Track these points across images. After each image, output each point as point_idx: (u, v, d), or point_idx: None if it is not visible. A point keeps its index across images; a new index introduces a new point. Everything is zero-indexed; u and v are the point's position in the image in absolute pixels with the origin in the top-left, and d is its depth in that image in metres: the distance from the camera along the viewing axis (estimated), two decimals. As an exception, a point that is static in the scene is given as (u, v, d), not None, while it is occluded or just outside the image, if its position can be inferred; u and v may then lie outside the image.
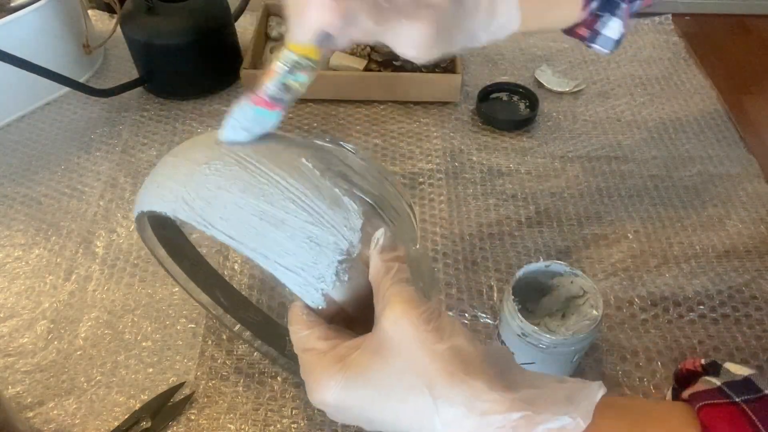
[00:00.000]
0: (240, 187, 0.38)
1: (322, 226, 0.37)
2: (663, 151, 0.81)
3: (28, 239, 0.70)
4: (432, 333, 0.33)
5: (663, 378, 0.59)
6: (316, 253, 0.37)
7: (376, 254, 0.37)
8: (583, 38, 0.54)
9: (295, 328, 0.37)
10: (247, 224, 0.37)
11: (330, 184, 0.39)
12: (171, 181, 0.40)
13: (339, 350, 0.35)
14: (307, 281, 0.37)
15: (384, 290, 0.35)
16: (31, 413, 0.56)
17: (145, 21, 0.81)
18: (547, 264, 0.56)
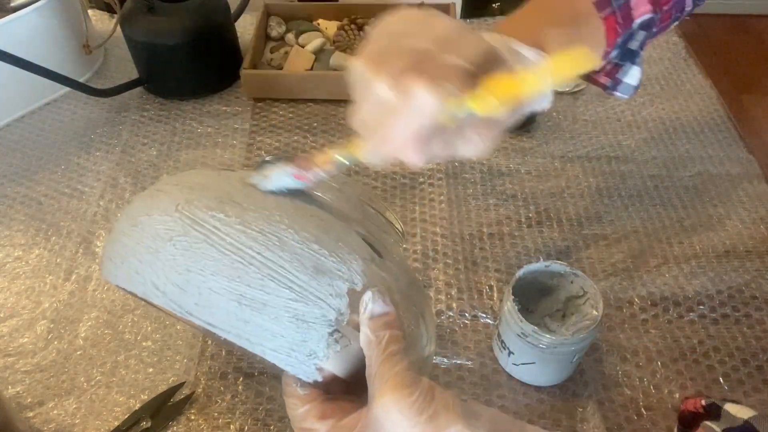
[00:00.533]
0: (212, 268, 0.35)
1: (306, 301, 0.35)
2: (663, 151, 0.81)
3: (28, 239, 0.70)
4: (426, 423, 0.32)
5: (663, 378, 0.59)
6: (304, 330, 0.35)
7: (366, 322, 0.36)
8: (605, 87, 0.54)
9: (291, 402, 0.36)
10: (225, 310, 0.34)
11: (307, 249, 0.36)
12: (135, 260, 0.37)
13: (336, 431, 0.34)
14: (298, 360, 0.35)
15: (375, 366, 0.34)
16: (31, 413, 0.56)
17: (145, 21, 0.81)
18: (547, 264, 0.56)
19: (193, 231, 0.36)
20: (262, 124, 0.84)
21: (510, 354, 0.56)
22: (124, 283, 0.38)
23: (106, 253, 0.40)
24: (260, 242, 0.36)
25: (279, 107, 0.87)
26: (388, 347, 0.34)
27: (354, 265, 0.37)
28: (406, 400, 0.32)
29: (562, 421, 0.56)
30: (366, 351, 0.35)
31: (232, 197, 0.38)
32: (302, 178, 0.39)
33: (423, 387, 0.33)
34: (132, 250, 0.37)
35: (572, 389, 0.58)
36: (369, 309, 0.36)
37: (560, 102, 0.88)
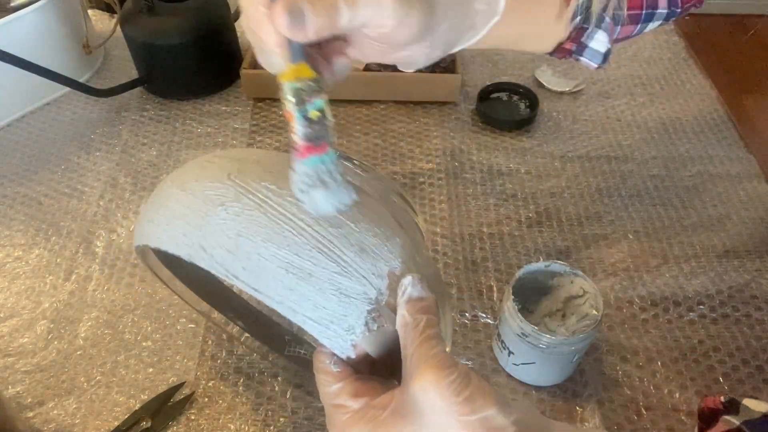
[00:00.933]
0: (263, 235, 0.36)
1: (350, 276, 0.36)
2: (663, 151, 0.81)
3: (28, 239, 0.70)
4: (462, 404, 0.32)
5: (663, 378, 0.59)
6: (345, 305, 0.36)
7: (404, 305, 0.36)
8: (570, 52, 0.53)
9: (324, 379, 0.37)
10: (272, 277, 0.35)
11: (354, 228, 0.37)
12: (183, 222, 0.37)
13: (368, 410, 0.35)
14: (336, 333, 0.36)
15: (412, 348, 0.35)
16: (31, 413, 0.56)
17: (145, 21, 0.81)
18: (547, 264, 0.56)
19: (245, 198, 0.37)
20: (262, 124, 0.84)
21: (510, 354, 0.56)
22: (167, 245, 0.38)
23: (147, 216, 0.40)
24: (311, 216, 0.36)
25: (279, 107, 0.86)
26: (425, 330, 0.35)
27: (395, 250, 0.38)
28: (444, 381, 0.33)
29: (562, 421, 0.56)
30: (402, 333, 0.36)
31: (281, 172, 0.39)
32: (302, 152, 0.36)
33: (461, 370, 0.33)
34: (180, 213, 0.38)
35: (572, 389, 0.58)
36: (408, 292, 0.36)
37: (560, 102, 0.88)
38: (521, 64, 0.94)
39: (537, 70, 0.92)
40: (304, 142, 0.35)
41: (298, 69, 0.35)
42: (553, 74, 0.91)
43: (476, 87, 0.88)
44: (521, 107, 0.86)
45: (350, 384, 0.36)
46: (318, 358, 0.37)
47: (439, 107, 0.87)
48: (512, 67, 0.94)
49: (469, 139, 0.82)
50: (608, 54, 0.53)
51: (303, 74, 0.35)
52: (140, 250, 0.45)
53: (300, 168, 0.36)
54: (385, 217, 0.40)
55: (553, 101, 0.88)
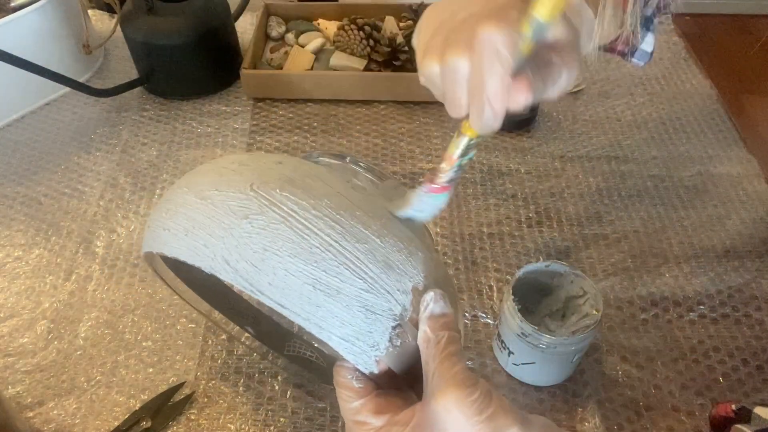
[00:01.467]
0: (290, 250, 0.35)
1: (377, 293, 0.36)
2: (663, 151, 0.81)
3: (28, 239, 0.70)
4: (485, 423, 0.32)
5: (663, 378, 0.59)
6: (371, 321, 0.36)
7: (426, 321, 0.36)
8: (623, 54, 0.55)
9: (345, 395, 0.37)
10: (299, 293, 0.35)
11: (379, 243, 0.37)
12: (205, 234, 0.37)
13: (390, 427, 0.35)
14: (361, 350, 0.36)
15: (434, 365, 0.35)
16: (31, 413, 0.56)
17: (145, 21, 0.81)
18: (547, 264, 0.56)
19: (269, 211, 0.36)
20: (262, 124, 0.84)
21: (510, 354, 0.56)
22: (185, 256, 0.37)
23: (161, 224, 0.39)
24: (337, 231, 0.36)
25: (279, 107, 0.87)
26: (447, 347, 0.35)
27: (417, 265, 0.38)
28: (467, 399, 0.33)
29: (562, 421, 0.56)
30: (423, 349, 0.36)
31: (303, 180, 0.39)
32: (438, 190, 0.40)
33: (482, 388, 0.34)
34: (200, 223, 0.37)
35: (572, 389, 0.58)
36: (430, 308, 0.37)
37: (560, 102, 0.88)
38: (521, 64, 0.94)
39: (537, 70, 0.92)
40: (446, 183, 0.39)
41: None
42: (553, 74, 0.91)
43: (476, 87, 0.88)
44: (521, 107, 0.86)
45: (372, 401, 0.36)
46: (339, 372, 0.37)
47: (439, 107, 0.87)
48: (512, 67, 0.94)
49: (469, 139, 0.82)
50: (653, 52, 0.55)
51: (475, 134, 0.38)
52: (149, 256, 0.44)
53: (426, 199, 0.40)
54: (405, 230, 0.40)
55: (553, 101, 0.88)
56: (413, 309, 0.37)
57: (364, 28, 0.87)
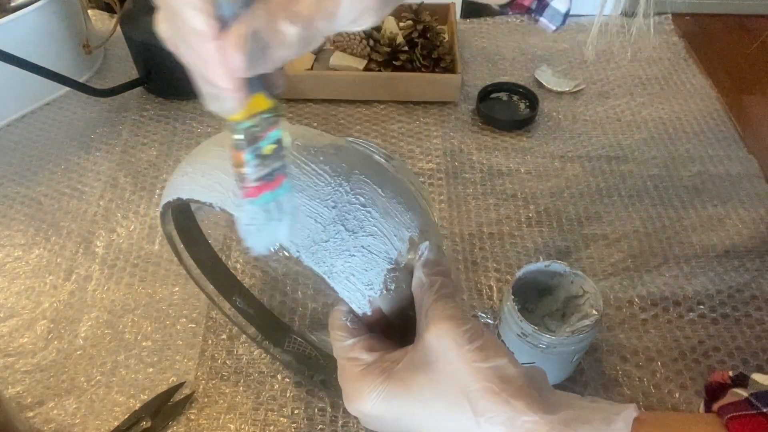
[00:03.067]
0: (296, 186, 0.37)
1: (374, 234, 0.37)
2: (663, 151, 0.81)
3: (28, 239, 0.70)
4: (475, 352, 0.33)
5: (663, 378, 0.59)
6: (368, 260, 0.37)
7: (421, 267, 0.37)
8: (530, 10, 0.50)
9: (338, 334, 0.37)
10: (301, 225, 0.36)
11: (380, 192, 0.39)
12: (219, 172, 0.39)
13: (382, 363, 0.35)
14: (356, 287, 0.37)
15: (428, 305, 0.36)
16: (31, 413, 0.56)
17: (145, 21, 0.81)
18: (547, 264, 0.56)
19: None
20: (262, 124, 0.84)
21: (510, 354, 0.56)
22: (199, 194, 0.39)
23: (180, 172, 0.42)
24: (342, 177, 0.38)
25: (279, 107, 0.86)
26: (440, 290, 0.36)
27: (415, 219, 0.40)
28: (459, 329, 0.34)
29: (562, 421, 0.56)
30: (417, 293, 0.37)
31: (312, 138, 0.40)
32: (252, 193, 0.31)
33: (474, 322, 0.34)
34: (216, 165, 0.39)
35: (572, 389, 0.58)
36: (425, 256, 0.38)
37: (560, 102, 0.88)
38: (521, 64, 0.94)
39: (537, 70, 0.92)
40: (255, 183, 0.31)
41: (253, 103, 0.29)
42: (553, 74, 0.91)
43: (476, 87, 0.88)
44: (521, 107, 0.86)
45: (365, 339, 0.37)
46: (334, 315, 0.38)
47: (439, 107, 0.87)
48: (512, 67, 0.94)
49: (469, 139, 0.82)
50: (567, 15, 0.50)
51: (259, 107, 0.29)
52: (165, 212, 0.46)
53: (248, 210, 0.32)
54: (407, 192, 0.41)
55: (553, 101, 0.88)
56: (409, 258, 0.38)
57: (364, 28, 0.87)
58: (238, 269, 0.67)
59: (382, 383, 0.34)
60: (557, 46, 0.97)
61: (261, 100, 0.29)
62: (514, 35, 1.00)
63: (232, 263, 0.68)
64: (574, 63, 0.94)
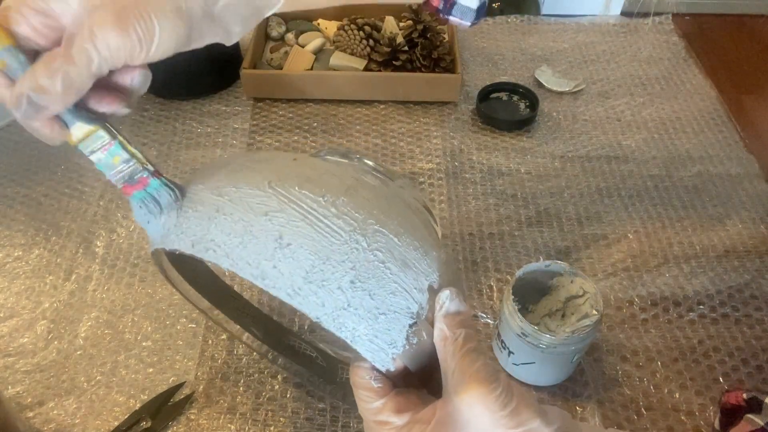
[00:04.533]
0: (311, 248, 0.35)
1: (395, 291, 0.36)
2: (663, 151, 0.81)
3: (28, 239, 0.70)
4: (508, 417, 0.33)
5: (663, 378, 0.59)
6: (389, 319, 0.36)
7: (442, 319, 0.36)
8: (438, 10, 0.49)
9: (365, 395, 0.37)
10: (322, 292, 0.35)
11: (396, 242, 0.37)
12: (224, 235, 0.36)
13: (413, 425, 0.35)
14: (379, 347, 0.36)
15: (453, 362, 0.35)
16: (31, 413, 0.56)
17: (145, 21, 0.81)
18: (547, 264, 0.56)
19: (289, 209, 0.36)
20: (262, 124, 0.84)
21: (510, 354, 0.56)
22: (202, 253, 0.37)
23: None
24: (354, 228, 0.36)
25: (279, 107, 0.87)
26: (465, 344, 0.35)
27: (432, 264, 0.38)
28: (490, 395, 0.33)
29: (562, 421, 0.56)
30: (441, 347, 0.36)
31: (320, 178, 0.38)
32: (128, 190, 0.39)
33: (504, 382, 0.34)
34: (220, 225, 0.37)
35: (572, 389, 0.58)
36: (446, 306, 0.37)
37: (560, 102, 0.88)
38: (521, 64, 0.94)
39: (537, 70, 0.92)
40: (121, 185, 0.39)
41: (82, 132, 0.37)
42: (553, 74, 0.91)
43: (476, 87, 0.88)
44: (521, 107, 0.86)
45: (392, 399, 0.36)
46: (357, 373, 0.37)
47: (439, 107, 0.87)
48: (512, 67, 0.94)
49: (469, 139, 0.82)
50: (482, 9, 0.49)
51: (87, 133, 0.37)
52: (158, 254, 0.44)
53: (132, 204, 0.39)
54: (420, 229, 0.40)
55: (553, 101, 0.88)
56: (429, 307, 0.37)
57: (364, 28, 0.87)
58: (238, 269, 0.67)
59: None
60: (557, 46, 0.97)
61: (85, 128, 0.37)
62: (514, 35, 1.00)
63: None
64: (574, 63, 0.94)
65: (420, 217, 0.41)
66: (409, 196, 0.43)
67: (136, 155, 0.38)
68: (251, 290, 0.65)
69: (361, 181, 0.40)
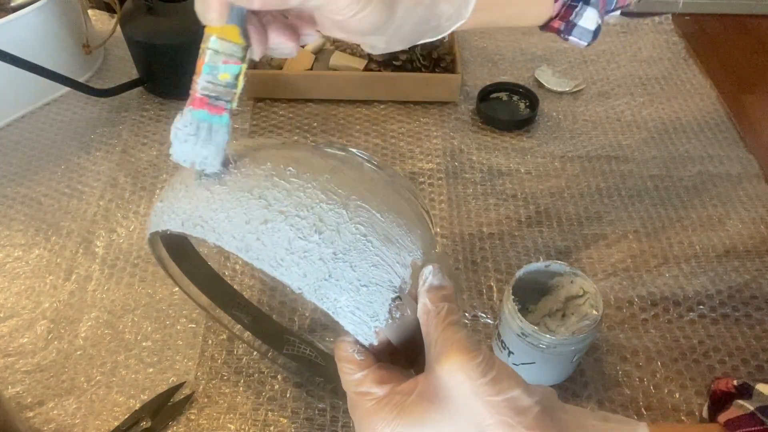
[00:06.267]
0: (293, 221, 0.36)
1: (377, 264, 0.37)
2: (663, 151, 0.81)
3: (28, 239, 0.70)
4: (489, 385, 0.33)
5: (663, 378, 0.59)
6: (371, 291, 0.36)
7: (425, 293, 0.37)
8: (559, 31, 0.52)
9: (346, 367, 0.37)
10: (304, 262, 0.36)
11: (380, 218, 0.38)
12: (210, 211, 0.37)
13: (393, 396, 0.35)
14: (361, 319, 0.36)
15: (436, 334, 0.35)
16: (31, 413, 0.56)
17: (145, 21, 0.81)
18: (547, 264, 0.56)
19: (272, 185, 0.37)
20: (262, 124, 0.84)
21: (510, 354, 0.56)
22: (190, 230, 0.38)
23: (169, 202, 0.40)
24: (337, 204, 0.37)
25: (279, 107, 0.87)
26: (447, 317, 0.35)
27: (416, 241, 0.39)
28: (471, 363, 0.33)
29: (562, 421, 0.56)
30: (424, 320, 0.36)
31: (305, 160, 0.39)
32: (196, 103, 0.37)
33: (485, 353, 0.34)
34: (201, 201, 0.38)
35: (572, 389, 0.58)
36: (429, 281, 0.37)
37: (560, 102, 0.88)
38: (521, 64, 0.94)
39: (537, 70, 0.92)
40: (200, 94, 0.36)
41: (227, 29, 0.35)
42: (553, 74, 0.91)
43: (476, 87, 0.88)
44: (521, 107, 0.86)
45: (374, 371, 0.36)
46: (340, 347, 0.37)
47: (439, 107, 0.87)
48: (512, 67, 0.94)
49: (469, 139, 0.82)
50: (598, 31, 0.52)
51: (229, 36, 0.35)
52: (152, 240, 0.45)
53: (187, 115, 0.37)
54: (405, 210, 0.40)
55: (553, 101, 0.88)
56: (412, 283, 0.38)
57: (364, 28, 0.87)
58: (237, 270, 0.67)
59: (395, 419, 0.34)
60: (557, 46, 0.97)
61: (234, 32, 0.35)
62: (514, 35, 1.00)
63: (231, 264, 0.68)
64: (574, 63, 0.94)
65: (409, 203, 0.42)
66: (400, 185, 0.43)
67: (239, 90, 0.37)
68: (251, 290, 0.65)
69: (347, 163, 0.41)
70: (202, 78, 0.36)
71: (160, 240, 0.47)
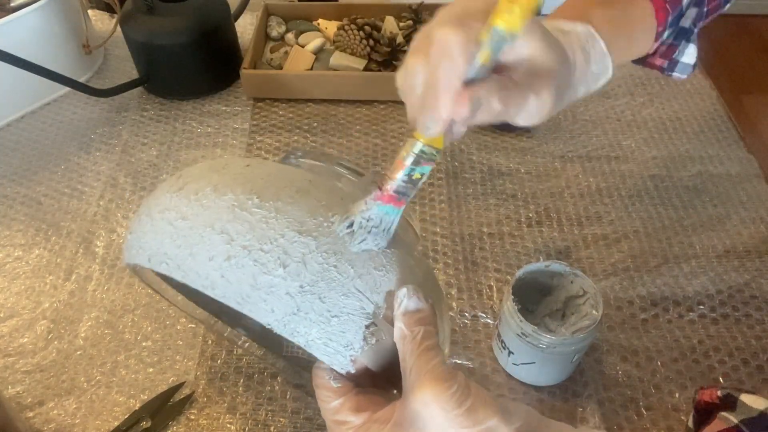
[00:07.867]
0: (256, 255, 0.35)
1: (348, 293, 0.36)
2: (663, 151, 0.81)
3: (28, 239, 0.70)
4: (463, 416, 0.32)
5: (663, 378, 0.59)
6: (343, 321, 0.35)
7: (400, 317, 0.36)
8: (662, 69, 0.55)
9: (324, 395, 0.37)
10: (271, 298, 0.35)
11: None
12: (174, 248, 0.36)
13: (371, 425, 0.35)
14: (335, 350, 0.35)
15: (411, 360, 0.35)
16: (31, 413, 0.56)
17: (145, 21, 0.81)
18: (547, 264, 0.56)
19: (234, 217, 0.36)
20: (262, 124, 0.84)
21: (510, 354, 0.56)
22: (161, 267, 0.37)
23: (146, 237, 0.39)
24: (312, 236, 0.36)
25: (279, 107, 0.87)
26: (423, 342, 0.35)
27: (393, 263, 0.38)
28: (445, 393, 0.33)
29: (561, 421, 0.56)
30: (400, 345, 0.36)
31: (267, 186, 0.38)
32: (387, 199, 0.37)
33: (460, 381, 0.33)
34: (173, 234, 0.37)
35: (572, 389, 0.58)
36: (404, 305, 0.36)
37: (560, 102, 0.88)
38: (521, 64, 0.94)
39: (537, 70, 0.92)
40: (393, 192, 0.37)
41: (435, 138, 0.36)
42: (553, 74, 0.91)
43: (476, 87, 0.88)
44: (521, 107, 0.86)
45: (351, 399, 0.36)
46: (317, 374, 0.37)
47: (439, 107, 0.87)
48: (512, 67, 0.94)
49: (469, 139, 0.82)
50: (696, 63, 0.55)
51: (435, 143, 0.36)
52: (129, 267, 0.44)
53: (373, 210, 0.37)
54: None
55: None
56: (387, 306, 0.37)
57: (364, 28, 0.87)
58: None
59: None
60: (557, 46, 0.97)
61: (440, 139, 0.36)
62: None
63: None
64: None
65: None
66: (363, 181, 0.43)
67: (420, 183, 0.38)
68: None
69: (315, 183, 0.40)
70: (399, 178, 0.37)
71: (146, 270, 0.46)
